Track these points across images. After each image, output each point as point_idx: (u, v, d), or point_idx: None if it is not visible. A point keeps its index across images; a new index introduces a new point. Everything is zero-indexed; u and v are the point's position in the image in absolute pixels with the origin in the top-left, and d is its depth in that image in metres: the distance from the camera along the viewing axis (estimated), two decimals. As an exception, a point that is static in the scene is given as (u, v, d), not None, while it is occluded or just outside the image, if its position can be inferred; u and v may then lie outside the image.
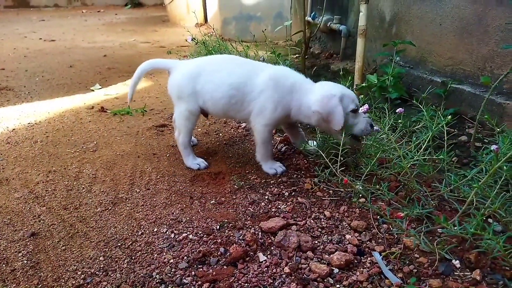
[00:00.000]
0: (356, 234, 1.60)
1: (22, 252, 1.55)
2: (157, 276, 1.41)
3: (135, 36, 6.72)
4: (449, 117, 1.72)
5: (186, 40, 4.40)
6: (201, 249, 1.52)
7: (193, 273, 1.42)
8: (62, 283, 1.40)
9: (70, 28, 7.71)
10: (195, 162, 2.16)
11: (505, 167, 1.43)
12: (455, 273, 1.37)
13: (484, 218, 1.56)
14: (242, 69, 2.04)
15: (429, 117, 1.94)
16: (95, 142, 2.51)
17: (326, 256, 1.48)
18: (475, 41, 2.50)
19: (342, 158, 1.82)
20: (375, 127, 1.97)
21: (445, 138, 1.86)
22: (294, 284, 1.35)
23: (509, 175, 1.46)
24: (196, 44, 4.18)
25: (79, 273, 1.44)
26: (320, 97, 1.90)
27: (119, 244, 1.57)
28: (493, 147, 1.39)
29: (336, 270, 1.41)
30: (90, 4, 12.01)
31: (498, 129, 1.72)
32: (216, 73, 2.04)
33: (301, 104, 1.96)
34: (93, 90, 3.65)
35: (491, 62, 2.41)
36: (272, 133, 2.12)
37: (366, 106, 1.69)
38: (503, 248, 1.21)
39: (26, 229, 1.68)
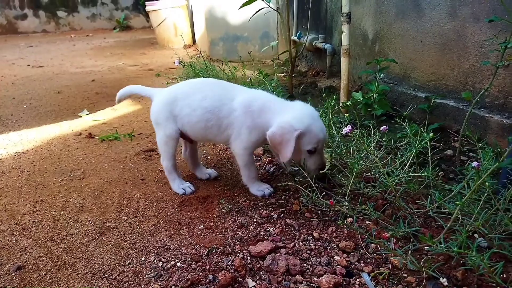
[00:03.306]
0: (345, 255, 1.59)
1: (8, 287, 1.52)
2: (145, 307, 1.40)
3: (124, 60, 6.75)
4: (431, 134, 1.74)
5: (174, 63, 4.45)
6: (189, 277, 1.50)
7: (181, 302, 1.41)
8: (48, 318, 1.37)
9: (58, 53, 7.73)
10: (181, 187, 2.16)
11: (487, 183, 1.45)
12: (443, 291, 1.37)
13: (470, 234, 1.58)
14: (215, 93, 2.04)
15: (413, 134, 1.96)
16: (82, 170, 2.50)
17: (315, 279, 1.47)
18: (456, 56, 2.55)
19: (321, 184, 1.87)
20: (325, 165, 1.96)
21: (429, 154, 1.88)
22: (283, 309, 1.34)
23: (492, 190, 1.48)
24: (183, 67, 4.21)
25: (65, 307, 1.42)
26: (279, 126, 1.84)
27: (106, 275, 1.55)
28: (474, 164, 1.41)
29: (325, 293, 1.40)
30: (78, 29, 12.09)
31: (479, 145, 1.75)
32: (191, 97, 2.05)
33: (269, 124, 1.91)
34: (81, 116, 3.64)
35: (472, 76, 2.46)
36: (253, 155, 2.13)
37: (349, 127, 1.71)
38: (488, 265, 1.22)
39: (12, 263, 1.65)
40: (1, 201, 2.15)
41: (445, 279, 1.40)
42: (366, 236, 1.67)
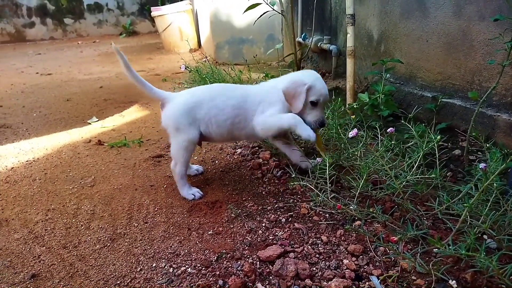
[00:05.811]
0: (354, 259, 1.60)
1: (23, 295, 1.55)
2: (157, 313, 1.41)
3: (131, 65, 6.79)
4: (439, 137, 1.74)
5: (180, 68, 4.48)
6: (200, 282, 1.52)
7: (192, 308, 1.42)
8: (63, 326, 1.40)
9: (66, 60, 7.82)
10: (190, 192, 2.18)
11: (495, 184, 1.45)
12: (453, 293, 1.37)
13: (479, 236, 1.58)
14: (238, 91, 2.21)
15: (419, 135, 1.96)
16: (92, 177, 2.53)
17: (325, 283, 1.48)
18: (462, 55, 2.54)
19: (330, 185, 1.88)
20: (326, 124, 2.20)
21: (437, 156, 1.88)
22: (293, 314, 1.35)
23: (500, 191, 1.48)
24: (190, 72, 4.24)
25: (79, 314, 1.44)
26: (292, 81, 2.12)
27: (118, 282, 1.58)
28: (481, 165, 1.41)
29: (334, 297, 1.41)
30: (85, 35, 12.21)
31: (487, 145, 1.74)
32: (218, 98, 2.16)
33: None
34: (90, 123, 3.69)
35: (479, 75, 2.45)
36: None
37: (355, 130, 1.72)
38: (497, 267, 1.22)
39: (26, 271, 1.69)
40: (14, 210, 2.19)
41: (454, 281, 1.40)
42: (374, 239, 1.68)
